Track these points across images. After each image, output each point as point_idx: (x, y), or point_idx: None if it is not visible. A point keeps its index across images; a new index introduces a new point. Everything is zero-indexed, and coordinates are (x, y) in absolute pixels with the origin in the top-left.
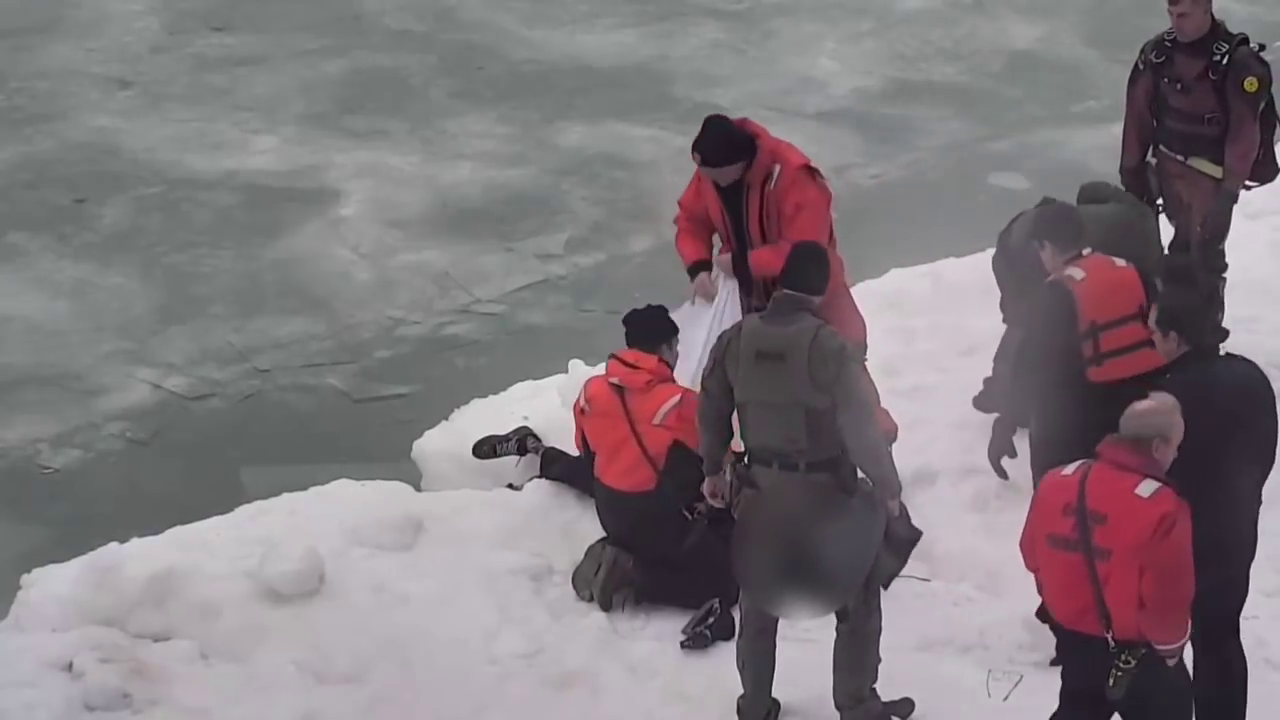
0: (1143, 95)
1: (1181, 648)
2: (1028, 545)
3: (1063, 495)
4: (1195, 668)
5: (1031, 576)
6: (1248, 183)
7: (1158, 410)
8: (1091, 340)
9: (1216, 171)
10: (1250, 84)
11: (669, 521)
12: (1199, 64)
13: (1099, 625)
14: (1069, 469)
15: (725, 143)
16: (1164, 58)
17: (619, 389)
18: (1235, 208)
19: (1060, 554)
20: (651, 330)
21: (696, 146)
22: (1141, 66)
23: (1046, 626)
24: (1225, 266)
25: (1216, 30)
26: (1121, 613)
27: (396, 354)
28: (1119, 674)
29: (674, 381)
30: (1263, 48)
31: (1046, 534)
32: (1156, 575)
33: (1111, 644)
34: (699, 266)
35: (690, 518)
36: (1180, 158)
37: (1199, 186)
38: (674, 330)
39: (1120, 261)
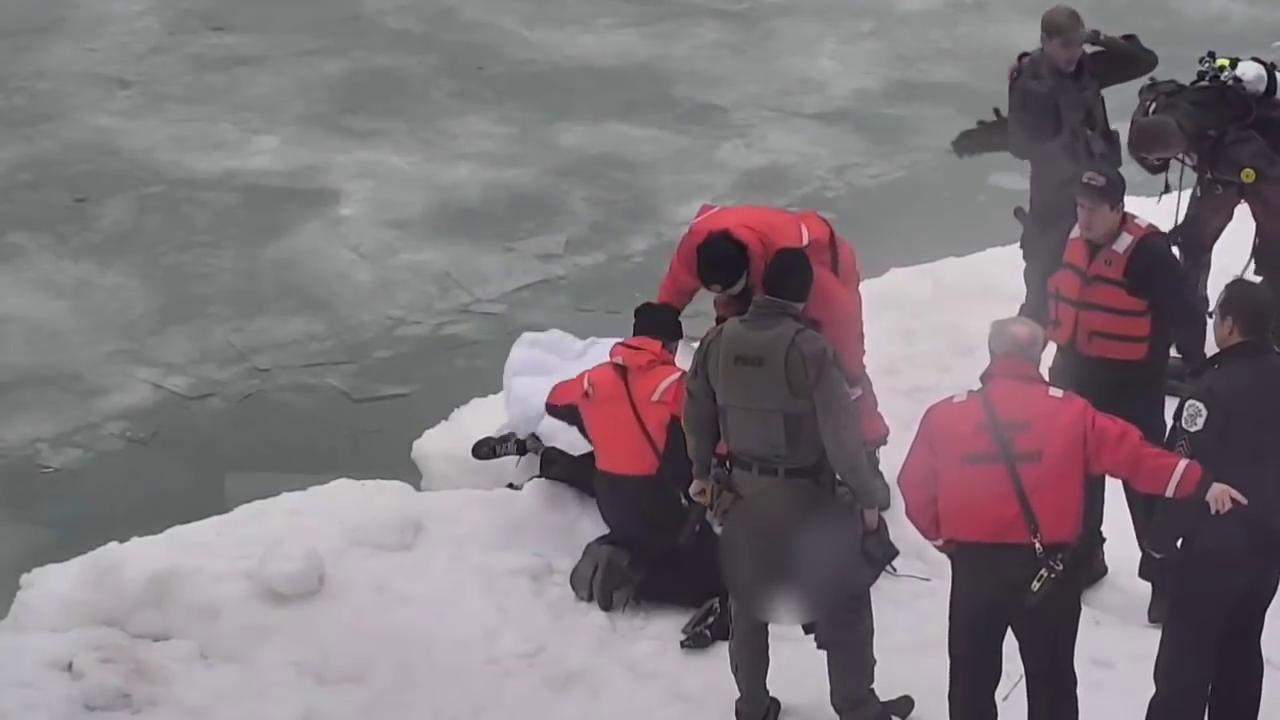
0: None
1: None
2: (919, 476)
3: (969, 417)
4: (1219, 660)
5: None
6: None
7: (1028, 325)
8: None
9: None
10: (1248, 175)
11: (668, 508)
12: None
13: (1025, 532)
14: (957, 397)
15: (728, 262)
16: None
17: (622, 369)
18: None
19: (979, 469)
20: (660, 322)
21: (705, 278)
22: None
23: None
24: None
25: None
26: (1049, 516)
27: (396, 354)
28: (1046, 577)
29: (675, 365)
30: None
31: (962, 455)
32: (1116, 436)
33: (1039, 550)
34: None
35: (688, 504)
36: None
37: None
38: (680, 330)
39: None
